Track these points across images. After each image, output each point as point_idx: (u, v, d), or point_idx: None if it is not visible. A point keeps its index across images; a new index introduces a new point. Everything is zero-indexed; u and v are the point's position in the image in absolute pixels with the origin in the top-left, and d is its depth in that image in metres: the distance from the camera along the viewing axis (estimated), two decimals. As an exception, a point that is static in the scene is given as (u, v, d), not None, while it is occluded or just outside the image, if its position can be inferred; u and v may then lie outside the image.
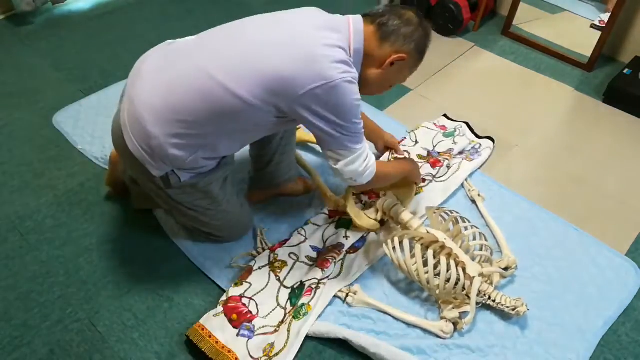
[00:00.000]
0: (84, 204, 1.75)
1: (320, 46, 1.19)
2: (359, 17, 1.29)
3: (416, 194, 1.70)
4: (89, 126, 2.01)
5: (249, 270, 1.53)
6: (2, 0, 2.55)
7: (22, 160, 1.89)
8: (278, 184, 1.70)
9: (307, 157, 1.89)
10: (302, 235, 1.63)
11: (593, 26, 2.48)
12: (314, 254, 1.58)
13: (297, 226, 1.67)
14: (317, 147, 1.94)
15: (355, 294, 1.47)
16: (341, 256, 1.57)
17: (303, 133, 1.92)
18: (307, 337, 1.41)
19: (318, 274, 1.49)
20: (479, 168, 1.90)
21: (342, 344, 1.40)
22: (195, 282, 1.54)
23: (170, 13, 2.69)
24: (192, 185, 1.37)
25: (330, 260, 1.53)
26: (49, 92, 2.18)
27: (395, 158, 1.82)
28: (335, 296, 1.48)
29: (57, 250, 1.61)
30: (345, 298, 1.47)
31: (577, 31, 2.53)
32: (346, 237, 1.61)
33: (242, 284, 1.49)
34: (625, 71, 2.25)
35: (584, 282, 1.56)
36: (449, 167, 1.85)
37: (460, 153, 1.94)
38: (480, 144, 1.97)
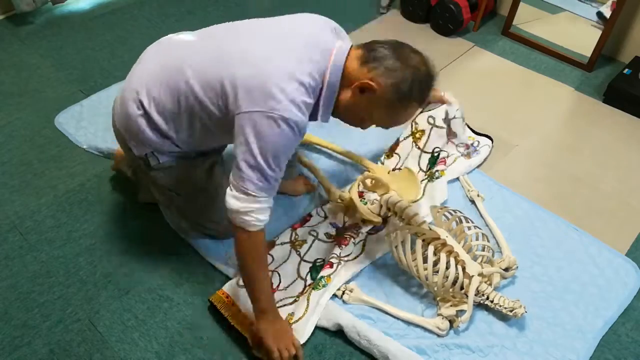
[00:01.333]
0: (84, 204, 1.75)
1: (287, 78, 1.14)
2: (346, 47, 1.22)
3: (415, 201, 1.71)
4: (90, 126, 2.01)
5: (272, 244, 1.57)
6: (2, 0, 2.55)
7: (22, 160, 1.89)
8: None
9: (308, 156, 1.89)
10: (320, 216, 1.68)
11: (599, 15, 2.43)
12: (332, 231, 1.63)
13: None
14: (319, 147, 1.94)
15: (351, 291, 1.48)
16: (362, 237, 1.61)
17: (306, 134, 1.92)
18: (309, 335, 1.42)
19: (337, 250, 1.54)
20: (478, 166, 1.90)
21: (342, 344, 1.41)
22: (195, 282, 1.54)
23: (170, 13, 2.69)
24: (172, 168, 1.40)
25: (348, 239, 1.57)
26: (49, 92, 2.18)
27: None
28: (332, 295, 1.48)
29: (57, 250, 1.61)
30: (342, 296, 1.48)
31: (577, 31, 2.53)
32: (363, 220, 1.63)
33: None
34: (625, 71, 2.25)
35: (584, 282, 1.56)
36: (448, 155, 1.85)
37: (459, 146, 1.90)
38: (479, 142, 1.97)
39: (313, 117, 1.26)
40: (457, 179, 1.83)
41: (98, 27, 2.57)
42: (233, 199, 1.19)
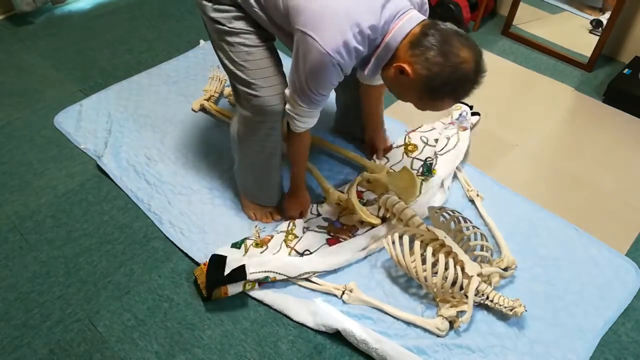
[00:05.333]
0: (84, 204, 1.75)
1: (350, 23, 1.17)
2: (417, 18, 1.23)
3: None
4: (90, 126, 2.01)
5: (272, 236, 1.60)
6: (2, 0, 2.55)
7: (22, 160, 1.89)
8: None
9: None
10: (313, 214, 1.70)
11: (596, 23, 2.47)
12: (325, 223, 1.65)
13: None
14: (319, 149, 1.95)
15: (351, 291, 1.48)
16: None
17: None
18: (307, 336, 1.42)
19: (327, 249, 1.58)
20: (471, 129, 1.98)
21: (341, 344, 1.41)
22: (195, 282, 1.54)
23: (170, 13, 2.69)
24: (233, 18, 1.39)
25: (342, 241, 1.59)
26: (49, 92, 2.18)
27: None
28: (332, 294, 1.49)
29: (57, 250, 1.61)
30: (342, 295, 1.48)
31: (578, 31, 2.53)
32: (361, 221, 1.64)
33: (262, 247, 1.57)
34: (625, 71, 2.25)
35: (584, 282, 1.56)
36: (448, 137, 1.89)
37: (451, 123, 1.98)
38: (466, 111, 2.02)
39: (364, 65, 1.30)
40: (456, 176, 1.84)
41: (98, 27, 2.57)
42: (287, 104, 1.38)
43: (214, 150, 1.93)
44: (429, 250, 1.43)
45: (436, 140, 1.92)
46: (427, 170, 1.82)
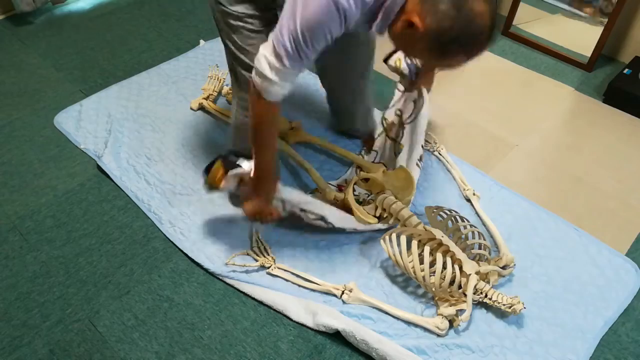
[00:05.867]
0: (84, 204, 1.75)
1: None
2: None
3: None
4: (90, 126, 2.01)
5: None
6: (2, 0, 2.55)
7: (22, 160, 1.89)
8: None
9: (305, 155, 1.89)
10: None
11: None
12: (322, 224, 1.64)
13: (293, 227, 1.67)
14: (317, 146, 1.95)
15: (350, 291, 1.48)
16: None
17: (304, 133, 1.92)
18: (307, 336, 1.42)
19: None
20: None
21: (342, 344, 1.41)
22: (195, 282, 1.54)
23: (170, 13, 2.69)
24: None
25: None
26: (49, 92, 2.18)
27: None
28: (332, 294, 1.49)
29: (57, 250, 1.61)
30: (341, 295, 1.48)
31: (577, 31, 2.53)
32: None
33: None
34: (625, 71, 2.25)
35: (584, 282, 1.56)
36: (414, 101, 1.76)
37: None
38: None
39: (370, 22, 1.20)
40: (452, 176, 1.85)
41: (98, 27, 2.57)
42: (266, 68, 1.18)
43: (214, 150, 1.93)
44: (427, 249, 1.43)
45: (402, 105, 1.81)
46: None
